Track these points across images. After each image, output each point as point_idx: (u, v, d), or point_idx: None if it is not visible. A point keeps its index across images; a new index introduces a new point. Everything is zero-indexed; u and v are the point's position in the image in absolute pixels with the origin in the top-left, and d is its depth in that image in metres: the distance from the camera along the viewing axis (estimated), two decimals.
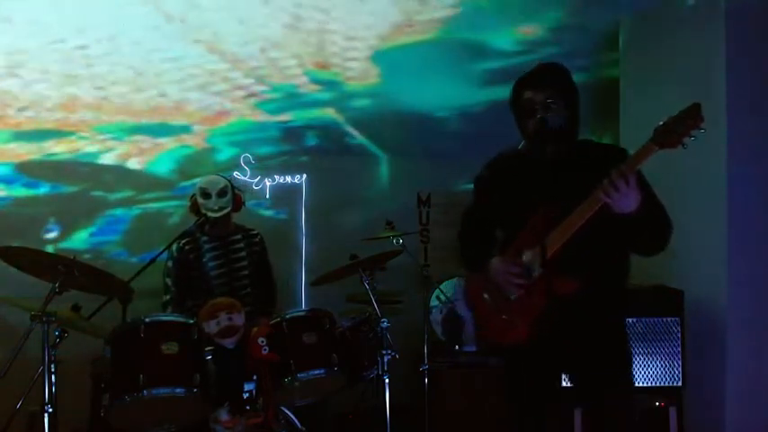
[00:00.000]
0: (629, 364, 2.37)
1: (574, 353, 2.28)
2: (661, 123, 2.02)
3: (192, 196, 3.63)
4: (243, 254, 3.63)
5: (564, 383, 2.52)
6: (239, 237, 3.66)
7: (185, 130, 4.55)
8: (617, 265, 2.33)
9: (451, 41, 4.36)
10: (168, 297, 3.50)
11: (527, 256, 2.27)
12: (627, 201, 2.04)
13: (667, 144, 2.01)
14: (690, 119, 1.99)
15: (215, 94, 4.47)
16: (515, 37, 4.38)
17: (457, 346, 4.37)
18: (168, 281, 3.53)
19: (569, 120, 2.29)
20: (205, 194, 3.55)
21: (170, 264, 3.55)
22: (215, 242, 3.59)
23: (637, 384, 3.55)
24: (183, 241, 3.56)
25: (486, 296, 2.43)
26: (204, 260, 3.55)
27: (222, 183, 3.60)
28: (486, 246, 2.52)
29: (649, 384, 3.54)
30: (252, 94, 4.54)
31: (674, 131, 1.99)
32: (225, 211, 3.56)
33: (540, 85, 2.29)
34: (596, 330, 2.27)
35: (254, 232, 3.74)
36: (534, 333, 2.25)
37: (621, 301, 2.39)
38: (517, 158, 2.43)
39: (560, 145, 2.29)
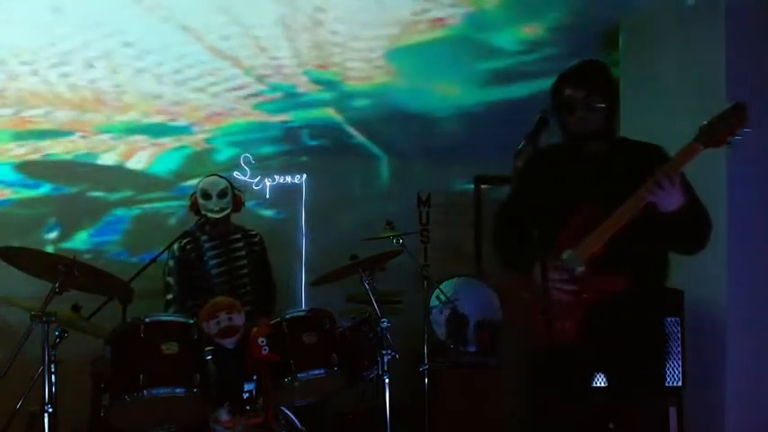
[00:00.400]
0: (665, 364, 2.40)
1: (613, 352, 2.26)
2: (706, 123, 2.03)
3: (192, 196, 3.63)
4: (242, 253, 3.63)
5: (596, 383, 2.46)
6: (239, 236, 3.66)
7: (185, 130, 4.56)
8: (658, 264, 2.34)
9: (452, 41, 4.36)
10: (171, 296, 3.50)
11: (568, 255, 2.25)
12: (671, 199, 2.06)
13: (712, 143, 2.02)
14: (734, 118, 2.00)
15: (215, 95, 4.47)
16: (515, 37, 4.38)
17: (460, 347, 4.38)
18: (170, 279, 3.53)
19: (608, 118, 2.30)
20: (206, 195, 3.55)
21: (171, 263, 3.55)
22: (215, 241, 3.60)
23: None
24: (185, 241, 3.57)
25: (525, 295, 2.39)
26: (205, 259, 3.56)
27: (222, 184, 3.61)
28: (526, 245, 2.46)
29: None
30: (252, 95, 4.54)
31: (718, 131, 2.00)
32: (225, 212, 3.57)
33: (581, 82, 2.30)
34: (637, 330, 2.26)
35: (254, 233, 3.74)
36: (577, 332, 2.24)
37: (661, 300, 2.40)
38: (557, 155, 2.42)
39: (600, 143, 2.30)
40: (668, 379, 3.55)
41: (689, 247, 2.29)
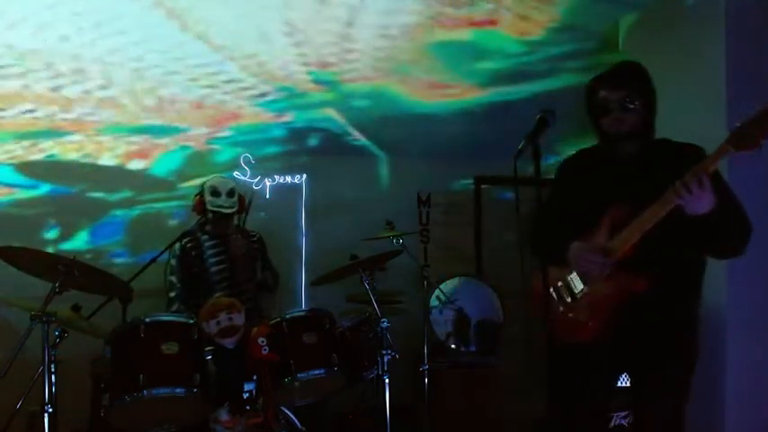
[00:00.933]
0: (692, 368, 2.31)
1: (638, 353, 2.25)
2: (738, 125, 2.00)
3: (197, 196, 3.66)
4: (243, 251, 3.66)
5: (620, 383, 2.46)
6: (238, 236, 3.69)
7: (185, 130, 4.55)
8: (689, 266, 2.30)
9: (452, 41, 4.36)
10: (173, 294, 3.52)
11: (607, 246, 2.25)
12: (700, 202, 2.04)
13: (743, 146, 1.99)
14: (767, 121, 1.96)
15: (215, 95, 4.47)
16: (516, 37, 4.38)
17: (463, 347, 4.38)
18: (172, 278, 3.56)
19: (644, 119, 2.28)
20: (215, 193, 3.62)
21: (173, 262, 3.58)
22: (215, 240, 3.62)
23: None
24: (185, 240, 3.60)
25: (553, 293, 2.39)
26: (205, 257, 3.58)
27: (231, 183, 3.73)
28: (562, 238, 2.44)
29: None
30: (252, 95, 4.54)
31: (750, 134, 1.97)
32: (233, 210, 3.65)
33: (615, 84, 2.29)
34: (663, 331, 2.24)
35: (254, 233, 3.77)
36: (602, 332, 2.23)
37: (692, 302, 2.35)
38: (594, 157, 2.42)
39: (635, 144, 2.28)
40: None
41: (724, 250, 2.27)
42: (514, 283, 4.26)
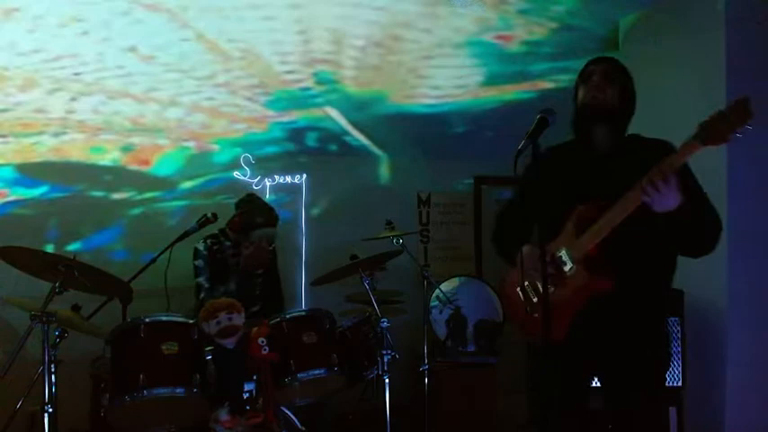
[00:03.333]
0: (663, 366, 2.32)
1: (605, 353, 2.24)
2: (706, 119, 1.97)
3: (239, 215, 3.65)
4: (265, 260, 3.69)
5: (594, 383, 2.45)
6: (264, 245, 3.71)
7: (185, 130, 4.55)
8: (657, 265, 2.27)
9: (452, 41, 4.36)
10: (203, 295, 3.52)
11: (561, 252, 2.24)
12: (666, 200, 2.01)
13: (711, 141, 1.96)
14: (736, 114, 1.93)
15: (215, 95, 4.47)
16: (516, 38, 4.38)
17: (460, 347, 4.38)
18: (200, 280, 3.59)
19: (621, 104, 2.30)
20: (264, 226, 3.62)
21: (199, 263, 3.61)
22: (236, 248, 3.67)
23: None
24: (210, 240, 3.66)
25: (519, 293, 2.39)
26: (224, 260, 3.64)
27: (276, 239, 3.75)
28: (524, 238, 2.43)
29: None
30: (252, 95, 4.54)
31: (719, 128, 1.94)
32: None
33: (604, 59, 2.37)
34: (630, 331, 2.22)
35: (271, 245, 3.80)
36: (569, 332, 2.21)
37: (660, 301, 2.33)
38: (564, 153, 2.40)
39: (608, 132, 2.27)
40: (668, 379, 3.56)
41: (693, 248, 2.23)
42: None
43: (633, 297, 2.19)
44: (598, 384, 2.44)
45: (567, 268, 2.23)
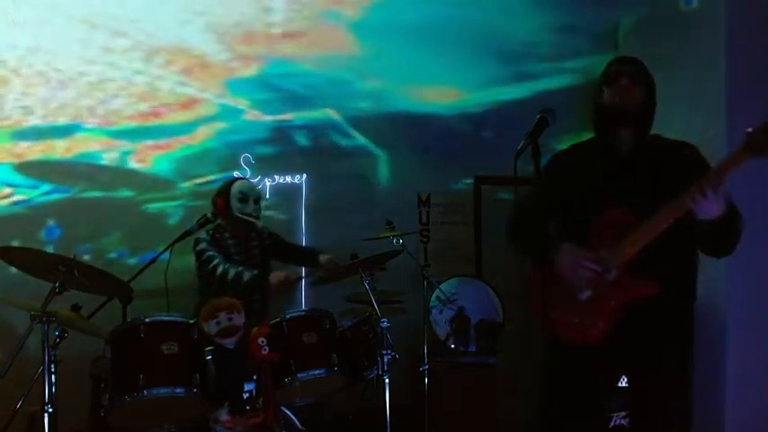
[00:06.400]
0: (692, 369, 2.33)
1: (641, 355, 2.24)
2: (751, 130, 1.97)
3: (220, 197, 3.64)
4: (257, 252, 3.72)
5: (620, 383, 2.42)
6: (254, 235, 3.75)
7: (185, 130, 4.55)
8: (688, 269, 2.31)
9: (454, 41, 4.36)
10: (219, 263, 3.47)
11: (605, 255, 2.21)
12: (712, 208, 2.03)
13: (759, 153, 1.96)
14: None
15: (215, 95, 4.47)
16: (515, 38, 4.39)
17: (462, 347, 4.37)
18: (210, 253, 3.53)
19: (645, 107, 2.28)
20: (244, 199, 3.62)
21: (204, 245, 3.57)
22: (236, 239, 3.67)
23: None
24: (211, 230, 3.64)
25: (555, 296, 2.33)
26: (226, 245, 3.63)
27: (258, 190, 3.76)
28: (548, 236, 2.40)
29: None
30: (252, 95, 4.55)
31: (765, 140, 1.95)
32: (257, 220, 3.66)
33: (631, 60, 2.35)
34: (667, 332, 2.24)
35: (266, 233, 3.83)
36: (609, 335, 2.21)
37: (691, 301, 2.35)
38: (588, 152, 2.39)
39: (631, 134, 2.26)
40: None
41: (721, 250, 2.28)
42: (514, 283, 4.29)
43: (674, 302, 2.21)
44: (623, 385, 2.41)
45: (610, 273, 2.21)
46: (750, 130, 1.97)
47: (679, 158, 2.18)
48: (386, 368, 3.11)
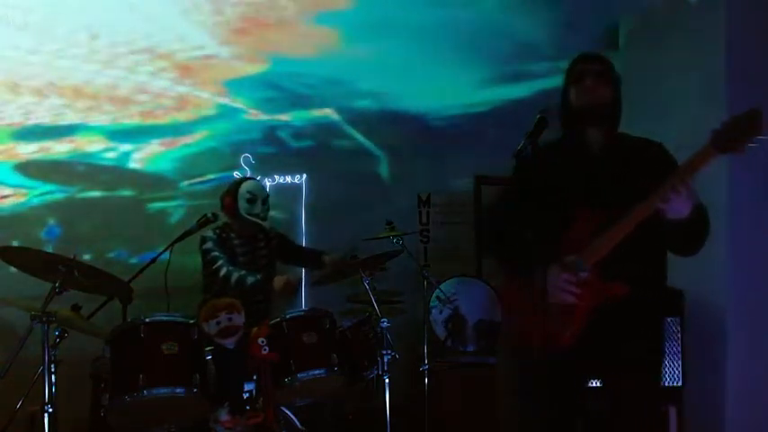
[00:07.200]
0: (661, 366, 2.34)
1: (611, 356, 2.22)
2: (719, 127, 1.95)
3: (227, 196, 3.63)
4: (264, 252, 3.70)
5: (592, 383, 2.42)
6: (262, 236, 3.73)
7: (185, 130, 4.55)
8: (658, 266, 2.29)
9: (453, 41, 4.37)
10: (222, 265, 3.46)
11: (572, 260, 2.19)
12: (681, 206, 2.01)
13: (729, 149, 1.94)
14: (749, 124, 1.91)
15: (215, 94, 4.47)
16: (515, 37, 4.39)
17: (460, 347, 4.37)
18: (215, 254, 3.51)
19: (614, 102, 2.27)
20: (252, 200, 3.60)
21: (210, 245, 3.54)
22: (242, 239, 3.65)
23: None
24: (217, 230, 3.60)
25: (525, 302, 2.31)
26: (231, 245, 3.61)
27: (266, 191, 3.72)
28: (523, 246, 2.38)
29: None
30: (252, 94, 4.55)
31: (733, 137, 1.93)
32: (264, 221, 3.65)
33: (595, 58, 2.32)
34: (637, 333, 2.22)
35: (272, 234, 3.81)
36: (577, 337, 2.18)
37: (661, 301, 2.35)
38: (555, 152, 2.35)
39: (600, 132, 2.25)
40: (668, 379, 3.55)
41: (688, 249, 2.25)
42: None
43: (639, 299, 2.17)
44: (596, 384, 2.42)
45: (581, 275, 2.19)
46: (719, 126, 1.95)
47: (647, 157, 2.16)
48: (386, 368, 3.11)
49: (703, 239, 2.22)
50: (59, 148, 4.35)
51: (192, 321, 2.88)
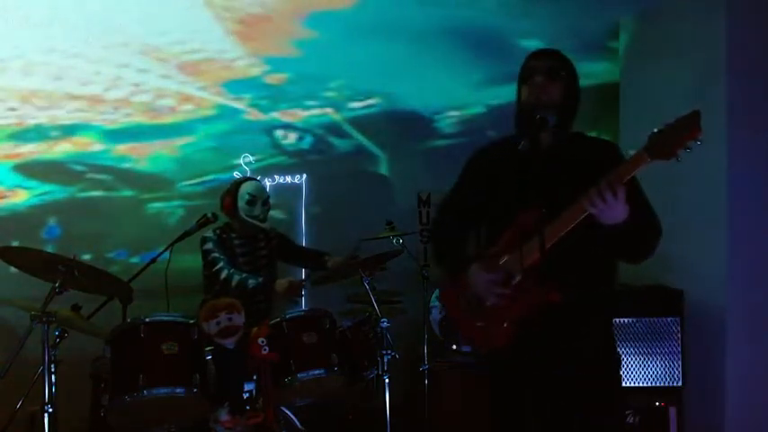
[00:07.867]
0: (616, 368, 2.21)
1: (553, 359, 2.11)
2: (656, 131, 1.87)
3: (228, 196, 3.63)
4: (265, 252, 3.70)
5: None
6: (262, 236, 3.73)
7: (185, 129, 4.55)
8: (601, 270, 2.19)
9: (453, 41, 4.37)
10: (223, 267, 3.46)
11: (506, 261, 2.13)
12: (613, 212, 1.91)
13: (661, 155, 1.85)
14: (686, 129, 1.83)
15: (215, 94, 4.47)
16: (515, 38, 4.39)
17: (454, 346, 4.37)
18: (215, 255, 3.51)
19: (565, 100, 2.19)
20: (252, 201, 3.59)
21: (210, 245, 3.54)
22: (243, 240, 3.65)
23: (637, 384, 3.56)
24: (218, 230, 3.60)
25: (461, 301, 2.26)
26: (231, 245, 3.61)
27: (266, 192, 3.71)
28: (464, 244, 2.33)
29: (649, 384, 3.54)
30: (253, 94, 4.54)
31: (668, 143, 1.84)
32: (263, 222, 3.64)
33: (546, 53, 2.28)
34: (577, 336, 2.13)
35: (272, 234, 3.81)
36: (512, 341, 2.12)
37: (605, 306, 2.23)
38: (509, 147, 2.24)
39: (552, 128, 2.14)
40: (668, 379, 3.56)
41: (632, 256, 2.14)
42: None
43: (577, 304, 2.08)
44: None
45: (514, 279, 2.11)
46: (655, 130, 1.88)
47: (599, 158, 2.08)
48: (386, 368, 3.11)
49: (650, 246, 2.11)
50: (59, 148, 4.34)
51: (191, 321, 2.89)
